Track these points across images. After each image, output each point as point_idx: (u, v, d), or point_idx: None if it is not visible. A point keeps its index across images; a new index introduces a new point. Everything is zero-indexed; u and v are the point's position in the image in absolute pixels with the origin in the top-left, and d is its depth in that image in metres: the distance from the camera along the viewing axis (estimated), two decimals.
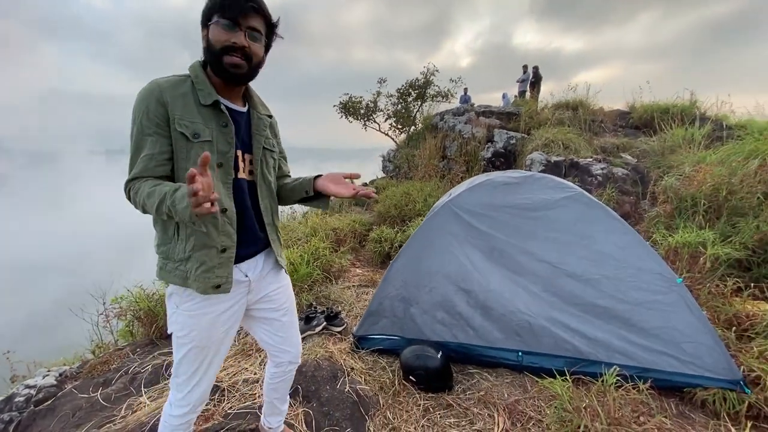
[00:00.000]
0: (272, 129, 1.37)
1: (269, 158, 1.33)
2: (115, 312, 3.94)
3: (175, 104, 1.10)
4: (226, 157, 1.17)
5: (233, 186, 1.20)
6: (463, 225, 2.38)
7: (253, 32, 1.13)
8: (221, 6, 1.09)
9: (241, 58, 1.12)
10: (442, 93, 13.26)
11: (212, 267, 1.16)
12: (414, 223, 4.69)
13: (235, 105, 1.24)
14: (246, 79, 1.20)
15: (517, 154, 7.02)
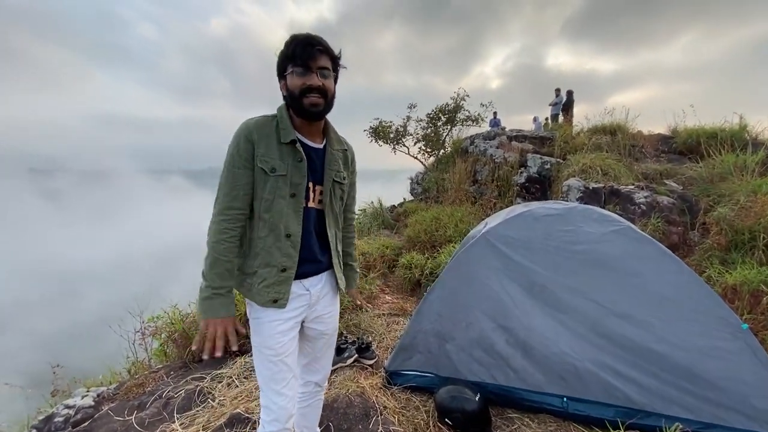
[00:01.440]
0: (346, 162, 1.49)
1: (338, 189, 1.45)
2: (150, 331, 4.04)
3: (260, 142, 1.27)
4: (298, 189, 1.32)
5: (303, 214, 1.35)
6: (502, 258, 2.29)
7: (323, 71, 1.27)
8: (293, 56, 1.25)
9: (318, 97, 1.26)
10: (472, 117, 13.26)
11: (272, 283, 1.31)
12: (445, 249, 4.59)
13: (313, 142, 1.38)
14: (324, 113, 1.33)
15: (552, 180, 6.81)
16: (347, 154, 1.52)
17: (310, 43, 1.24)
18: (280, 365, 1.35)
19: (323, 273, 1.47)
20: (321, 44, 1.26)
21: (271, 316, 1.34)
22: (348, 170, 1.51)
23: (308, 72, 1.24)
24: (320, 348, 1.55)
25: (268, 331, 1.34)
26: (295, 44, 1.24)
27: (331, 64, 1.29)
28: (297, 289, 1.38)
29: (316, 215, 1.41)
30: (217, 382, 2.47)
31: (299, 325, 1.43)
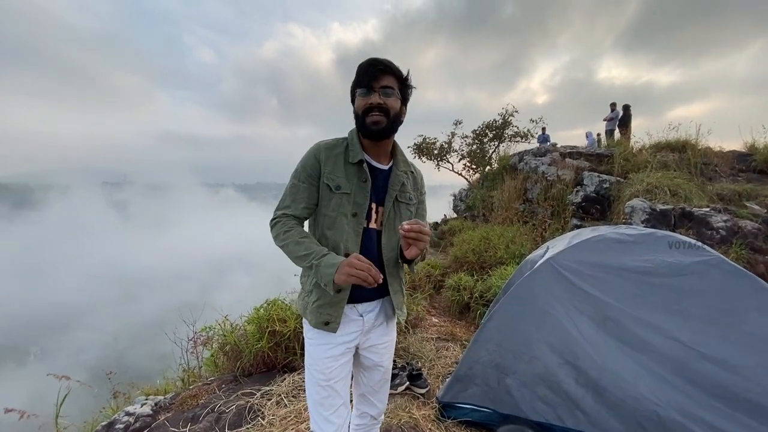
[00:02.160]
0: (415, 183, 1.48)
1: (403, 210, 1.41)
2: (201, 340, 4.18)
3: (328, 162, 1.32)
4: (360, 208, 1.33)
5: (363, 234, 1.34)
6: (569, 287, 2.11)
7: (385, 90, 1.27)
8: (358, 81, 1.29)
9: (380, 114, 1.27)
10: (521, 133, 12.88)
11: (325, 304, 1.31)
12: (496, 271, 4.38)
13: (379, 162, 1.39)
14: (388, 132, 1.32)
15: (612, 200, 6.37)
16: (415, 176, 1.49)
17: (372, 65, 1.27)
18: (329, 390, 1.33)
19: (379, 299, 1.42)
20: (383, 64, 1.27)
21: (322, 339, 1.34)
22: (417, 192, 1.48)
23: (370, 92, 1.27)
24: (376, 380, 1.48)
25: (319, 354, 1.34)
26: (359, 69, 1.29)
27: (396, 83, 1.30)
28: (350, 314, 1.36)
29: (376, 236, 1.38)
30: (266, 400, 2.46)
31: (352, 352, 1.40)
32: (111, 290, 57.43)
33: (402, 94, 1.33)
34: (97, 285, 59.84)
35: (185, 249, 76.85)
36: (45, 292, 58.53)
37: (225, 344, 3.34)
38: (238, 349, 3.18)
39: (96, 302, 53.77)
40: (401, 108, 1.33)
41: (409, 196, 1.43)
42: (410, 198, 1.43)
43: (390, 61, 1.30)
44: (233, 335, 3.34)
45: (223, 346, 3.34)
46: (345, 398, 1.37)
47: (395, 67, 1.30)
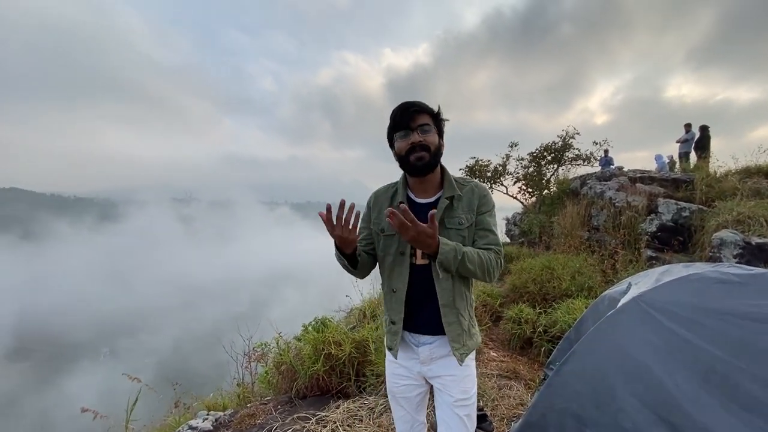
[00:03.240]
0: (468, 203, 1.43)
1: (453, 236, 1.39)
2: (256, 356, 4.26)
3: (375, 207, 1.52)
4: (405, 247, 1.42)
5: (410, 270, 1.42)
6: (663, 332, 1.85)
7: (423, 127, 1.35)
8: (394, 125, 1.39)
9: (422, 150, 1.35)
10: (582, 156, 12.20)
11: (387, 332, 1.52)
12: (561, 305, 4.05)
13: (425, 197, 1.46)
14: (432, 166, 1.39)
15: (693, 231, 5.73)
16: (470, 196, 1.44)
17: (406, 108, 1.35)
18: (394, 403, 1.57)
19: (439, 335, 1.43)
20: (415, 106, 1.36)
21: (390, 358, 1.54)
22: (470, 212, 1.43)
23: (409, 133, 1.36)
24: (446, 412, 1.45)
25: (388, 370, 1.56)
26: (394, 114, 1.37)
27: (431, 119, 1.38)
28: (409, 342, 1.49)
29: (427, 271, 1.41)
30: (321, 426, 2.41)
31: (417, 376, 1.50)
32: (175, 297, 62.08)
33: (438, 128, 1.40)
34: (163, 292, 65.31)
35: (242, 262, 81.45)
36: (120, 296, 64.89)
37: (281, 363, 3.37)
38: (293, 369, 3.19)
39: (162, 307, 58.55)
40: (440, 141, 1.40)
41: (459, 220, 1.41)
42: (460, 222, 1.41)
43: (420, 101, 1.39)
44: (289, 354, 3.37)
45: (278, 365, 3.37)
46: (410, 413, 1.54)
47: (427, 105, 1.38)
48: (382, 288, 1.55)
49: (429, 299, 1.41)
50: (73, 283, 72.52)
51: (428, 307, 1.42)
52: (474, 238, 1.44)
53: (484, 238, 1.43)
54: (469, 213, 1.42)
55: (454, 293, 1.40)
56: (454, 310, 1.41)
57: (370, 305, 4.83)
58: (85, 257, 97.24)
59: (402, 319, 1.44)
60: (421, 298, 1.42)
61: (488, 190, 1.50)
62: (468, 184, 1.48)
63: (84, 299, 62.27)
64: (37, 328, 52.63)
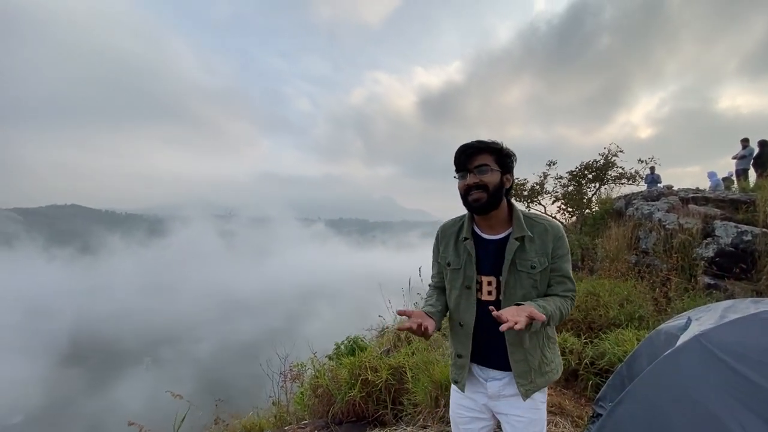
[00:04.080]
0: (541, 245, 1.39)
1: (524, 279, 1.38)
2: (291, 375, 4.31)
3: (442, 241, 1.56)
4: (471, 282, 1.44)
5: (476, 306, 1.44)
6: (731, 375, 1.70)
7: (480, 168, 1.36)
8: (455, 165, 1.42)
9: (479, 191, 1.35)
10: (627, 175, 11.61)
11: (453, 365, 1.56)
12: (609, 335, 3.81)
13: (492, 234, 1.45)
14: (490, 205, 1.38)
15: (757, 256, 5.25)
16: (543, 238, 1.39)
17: (464, 150, 1.38)
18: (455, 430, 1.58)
19: (509, 371, 1.43)
20: (473, 147, 1.37)
21: (456, 392, 1.58)
22: (545, 255, 1.38)
23: (466, 174, 1.38)
24: None
25: (453, 400, 1.59)
26: (455, 155, 1.40)
27: (491, 158, 1.37)
28: (477, 375, 1.50)
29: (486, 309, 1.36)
30: None
31: (483, 410, 1.50)
32: (215, 310, 64.62)
33: (501, 165, 1.39)
34: (204, 304, 68.09)
35: (278, 277, 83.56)
36: (164, 307, 68.26)
37: (317, 386, 3.38)
38: (329, 393, 3.20)
39: (202, 320, 60.92)
40: (502, 178, 1.39)
41: (531, 263, 1.37)
42: (532, 265, 1.37)
43: (481, 140, 1.39)
44: (325, 377, 3.38)
45: (315, 387, 3.39)
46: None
47: (487, 144, 1.38)
48: (449, 320, 1.56)
49: (497, 335, 1.35)
50: (123, 293, 77.40)
51: (497, 342, 1.41)
52: (550, 283, 1.41)
53: (561, 284, 1.41)
54: (542, 256, 1.38)
55: (522, 333, 1.35)
56: (521, 350, 1.40)
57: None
58: (134, 270, 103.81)
59: (469, 353, 1.46)
60: (489, 333, 1.41)
61: (563, 231, 1.44)
62: (540, 222, 1.43)
63: (132, 309, 66.18)
64: (90, 336, 56.35)
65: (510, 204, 1.46)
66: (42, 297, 69.77)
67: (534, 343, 1.41)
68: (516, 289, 1.38)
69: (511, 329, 1.28)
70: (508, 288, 1.38)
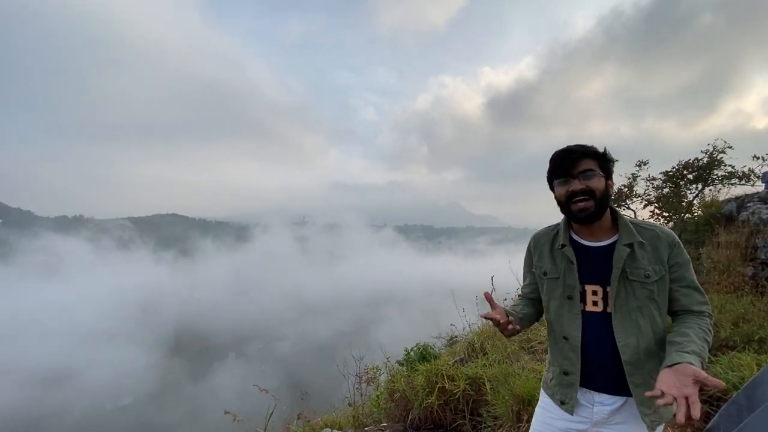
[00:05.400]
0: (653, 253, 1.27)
1: (637, 289, 1.25)
2: (366, 377, 4.47)
3: (536, 251, 1.48)
4: (573, 291, 1.34)
5: (582, 317, 1.33)
6: None
7: (586, 173, 1.27)
8: (554, 171, 1.34)
9: (586, 199, 1.26)
10: (738, 173, 10.00)
11: (558, 384, 1.39)
12: (722, 358, 3.35)
13: (594, 241, 1.35)
14: (598, 214, 1.29)
15: None
16: (656, 243, 1.27)
17: (568, 153, 1.30)
18: None
19: (622, 395, 1.28)
20: (577, 151, 1.29)
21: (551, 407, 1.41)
22: (660, 264, 1.25)
23: (569, 180, 1.29)
24: None
25: (541, 417, 1.45)
26: (554, 159, 1.33)
27: (595, 163, 1.29)
28: (582, 398, 1.35)
29: (601, 320, 1.30)
30: None
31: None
32: (293, 310, 69.38)
33: (604, 171, 1.31)
34: (283, 304, 73.26)
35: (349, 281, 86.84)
36: (250, 306, 74.82)
37: (393, 390, 3.49)
38: (406, 398, 3.28)
39: (282, 319, 65.64)
40: (606, 184, 1.30)
41: (645, 272, 1.24)
42: (646, 275, 1.24)
43: (583, 144, 1.32)
44: (401, 382, 3.47)
45: (391, 392, 3.49)
46: None
47: (590, 148, 1.31)
48: (548, 335, 1.47)
49: (607, 353, 1.27)
50: (215, 292, 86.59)
51: (607, 361, 1.28)
52: (674, 296, 1.26)
53: (689, 296, 1.25)
54: (657, 264, 1.25)
55: (640, 351, 1.23)
56: (642, 371, 1.23)
57: (479, 338, 4.70)
58: (224, 271, 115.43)
59: (579, 369, 1.32)
60: (597, 350, 1.30)
61: (677, 238, 1.30)
62: (651, 229, 1.31)
63: (223, 307, 73.69)
64: (189, 330, 63.89)
65: (614, 210, 1.37)
66: (152, 294, 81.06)
67: (654, 365, 1.21)
68: (629, 301, 1.25)
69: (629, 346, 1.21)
70: (618, 299, 1.26)
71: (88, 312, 70.94)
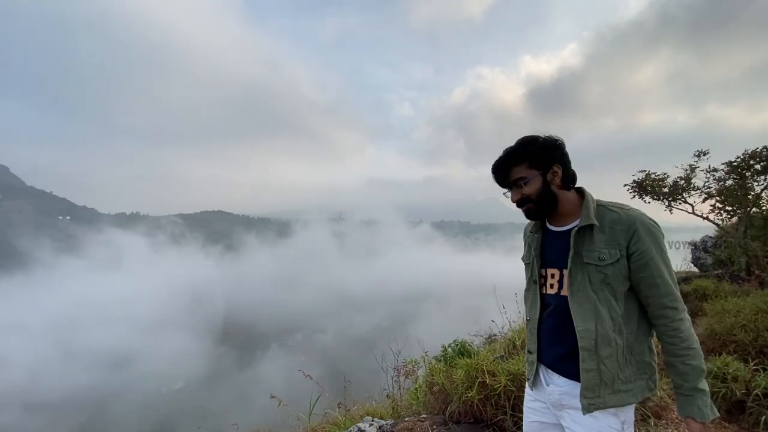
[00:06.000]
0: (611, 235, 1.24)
1: (592, 273, 1.24)
2: (404, 371, 4.53)
3: (525, 238, 1.52)
4: (537, 275, 1.42)
5: (540, 300, 1.40)
6: None
7: (516, 182, 1.33)
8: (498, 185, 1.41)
9: (526, 206, 1.34)
10: None
11: (526, 360, 1.49)
12: None
13: (557, 225, 1.38)
14: (543, 211, 1.36)
15: None
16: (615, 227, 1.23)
17: (496, 171, 1.36)
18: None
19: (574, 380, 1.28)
20: (502, 166, 1.34)
21: (528, 394, 1.49)
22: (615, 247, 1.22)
23: (508, 191, 1.38)
24: None
25: (525, 401, 1.51)
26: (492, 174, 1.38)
27: (526, 165, 1.31)
28: (542, 378, 1.40)
29: (558, 303, 1.33)
30: None
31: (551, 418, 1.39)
32: (332, 304, 71.36)
33: (539, 166, 1.30)
34: (322, 298, 75.46)
35: (386, 277, 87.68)
36: (290, 299, 77.61)
37: (432, 384, 3.52)
38: (445, 391, 3.30)
39: (321, 312, 67.69)
40: (545, 178, 1.30)
41: (599, 255, 1.22)
42: (600, 257, 1.22)
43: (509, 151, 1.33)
44: (441, 376, 3.50)
45: (430, 385, 3.53)
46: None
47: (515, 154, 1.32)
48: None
49: (565, 337, 1.28)
50: (259, 285, 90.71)
51: (564, 345, 1.29)
52: (639, 287, 1.23)
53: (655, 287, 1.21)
54: (612, 248, 1.22)
55: (598, 338, 1.22)
56: (595, 357, 1.22)
57: (520, 335, 4.62)
58: (267, 265, 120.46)
59: (536, 349, 1.41)
60: (555, 333, 1.34)
61: (647, 222, 1.22)
62: (615, 211, 1.26)
63: (266, 299, 77.14)
64: (235, 320, 67.53)
65: (581, 193, 1.34)
66: (202, 286, 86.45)
67: (611, 352, 1.22)
68: (585, 285, 1.24)
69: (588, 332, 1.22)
70: (575, 283, 1.26)
71: (146, 302, 77.12)
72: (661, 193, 11.19)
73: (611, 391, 1.22)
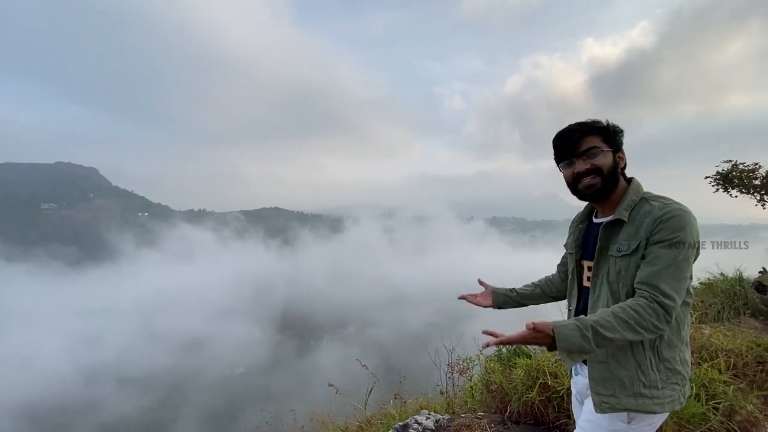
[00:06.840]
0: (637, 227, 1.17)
1: (611, 266, 1.21)
2: (458, 368, 4.48)
3: (570, 228, 1.51)
4: (577, 266, 1.42)
5: (578, 293, 1.41)
6: None
7: (589, 152, 1.23)
8: (556, 156, 1.33)
9: (592, 177, 1.24)
10: None
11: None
12: None
13: (602, 217, 1.34)
14: (606, 190, 1.25)
15: None
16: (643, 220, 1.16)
17: (568, 135, 1.26)
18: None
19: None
20: (578, 130, 1.25)
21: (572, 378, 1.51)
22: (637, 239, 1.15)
23: (572, 161, 1.27)
24: None
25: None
26: (555, 142, 1.31)
27: (600, 139, 1.24)
28: (575, 369, 1.43)
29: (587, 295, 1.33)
30: None
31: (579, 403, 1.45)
32: (383, 299, 72.58)
33: (611, 144, 1.25)
34: (374, 292, 76.92)
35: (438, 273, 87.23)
36: (344, 291, 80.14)
37: (490, 382, 3.46)
38: (503, 390, 3.23)
39: (373, 306, 69.04)
40: (615, 157, 1.25)
41: (619, 246, 1.20)
42: (620, 248, 1.19)
43: (583, 122, 1.27)
44: (499, 374, 3.42)
45: (488, 384, 3.47)
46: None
47: (591, 124, 1.26)
48: None
49: None
50: (314, 278, 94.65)
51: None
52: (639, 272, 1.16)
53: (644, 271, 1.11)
54: (633, 239, 1.16)
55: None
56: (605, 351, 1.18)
57: None
58: (321, 260, 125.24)
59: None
60: None
61: (679, 214, 1.10)
62: (652, 204, 1.18)
63: (321, 292, 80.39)
64: (293, 310, 71.20)
65: (631, 183, 1.27)
66: (264, 277, 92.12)
67: (625, 351, 1.15)
68: (603, 278, 1.24)
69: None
70: (597, 276, 1.27)
71: (214, 291, 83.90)
72: (751, 186, 9.85)
73: (630, 394, 1.15)
